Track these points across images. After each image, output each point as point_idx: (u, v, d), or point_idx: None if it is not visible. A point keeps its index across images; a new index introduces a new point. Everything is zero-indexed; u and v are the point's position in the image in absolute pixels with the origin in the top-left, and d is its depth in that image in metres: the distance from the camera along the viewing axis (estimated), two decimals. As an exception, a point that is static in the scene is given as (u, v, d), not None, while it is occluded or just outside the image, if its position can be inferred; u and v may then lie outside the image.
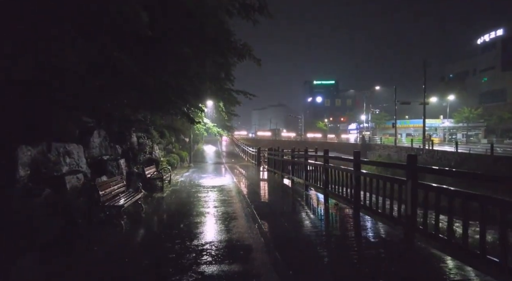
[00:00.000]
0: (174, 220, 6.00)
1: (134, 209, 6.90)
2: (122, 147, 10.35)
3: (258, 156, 20.42)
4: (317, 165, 8.54)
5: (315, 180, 8.65)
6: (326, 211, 6.65)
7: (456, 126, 57.87)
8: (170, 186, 10.95)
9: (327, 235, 4.83)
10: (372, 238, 4.74)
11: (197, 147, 35.77)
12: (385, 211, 5.13)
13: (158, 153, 13.89)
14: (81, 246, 4.53)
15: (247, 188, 9.87)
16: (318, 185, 8.37)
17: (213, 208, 6.87)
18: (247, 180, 12.48)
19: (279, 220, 5.75)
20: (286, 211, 6.62)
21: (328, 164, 7.76)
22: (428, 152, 31.43)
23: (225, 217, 5.97)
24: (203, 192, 9.17)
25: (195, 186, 10.54)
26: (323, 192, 8.05)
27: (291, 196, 8.58)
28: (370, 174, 5.75)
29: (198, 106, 12.29)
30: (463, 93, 60.93)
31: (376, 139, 47.87)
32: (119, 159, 8.45)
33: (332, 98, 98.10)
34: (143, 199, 8.37)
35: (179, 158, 18.06)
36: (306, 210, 6.80)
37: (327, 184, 7.82)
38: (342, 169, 6.95)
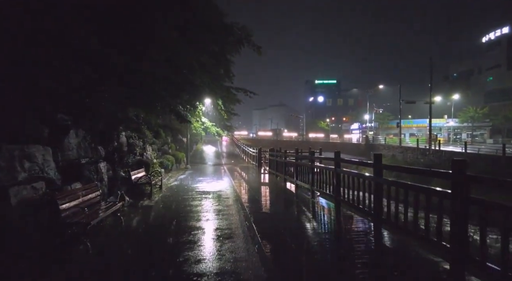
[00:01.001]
0: (154, 239, 4.92)
1: (113, 222, 5.84)
2: (107, 148, 9.28)
3: (259, 157, 19.33)
4: (326, 170, 7.46)
5: (324, 186, 7.57)
6: (339, 226, 5.57)
7: (460, 125, 56.72)
8: (161, 191, 9.88)
9: (346, 264, 3.76)
10: (407, 271, 3.66)
11: (196, 148, 34.72)
12: (418, 230, 4.06)
13: (150, 155, 12.83)
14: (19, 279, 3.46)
15: (246, 195, 8.80)
16: (328, 192, 7.29)
17: (206, 222, 5.79)
18: (247, 184, 11.40)
19: (284, 240, 4.69)
20: (292, 226, 5.54)
21: (340, 169, 6.69)
22: (435, 152, 30.31)
23: (219, 235, 4.89)
24: (196, 200, 8.10)
25: (188, 192, 9.47)
26: (333, 200, 6.97)
27: (296, 205, 7.51)
28: (397, 183, 4.67)
29: (192, 103, 11.19)
30: (468, 92, 59.77)
31: (380, 139, 46.71)
32: (99, 162, 7.38)
33: (334, 97, 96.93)
34: (128, 208, 7.32)
35: (175, 160, 16.99)
36: (316, 225, 5.72)
37: (338, 192, 6.74)
38: (358, 175, 5.87)
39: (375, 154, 5.29)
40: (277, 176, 13.35)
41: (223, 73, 18.61)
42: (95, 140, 8.51)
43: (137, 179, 8.84)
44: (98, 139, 8.70)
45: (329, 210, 6.85)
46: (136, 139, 12.13)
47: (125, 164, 10.30)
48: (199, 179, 12.83)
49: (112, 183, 8.01)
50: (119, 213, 6.05)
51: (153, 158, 13.16)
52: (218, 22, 7.01)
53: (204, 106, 20.46)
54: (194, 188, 10.36)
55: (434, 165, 27.58)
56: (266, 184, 11.64)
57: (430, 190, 3.92)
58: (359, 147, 46.72)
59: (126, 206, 7.51)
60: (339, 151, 7.01)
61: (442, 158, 28.85)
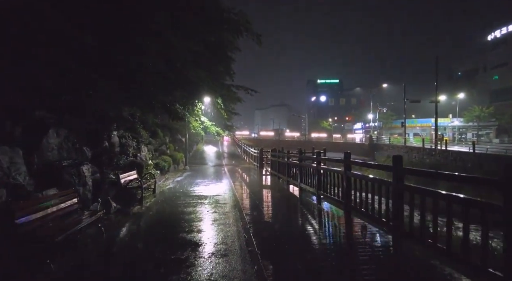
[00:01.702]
0: (134, 258, 4.15)
1: (92, 234, 5.10)
2: (96, 149, 8.56)
3: (260, 158, 18.58)
4: (335, 173, 6.70)
5: (332, 191, 6.82)
6: (352, 240, 4.81)
7: (466, 125, 55.71)
8: (154, 195, 9.15)
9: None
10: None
11: (196, 148, 33.99)
12: (450, 248, 3.30)
13: (145, 155, 12.10)
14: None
15: (246, 200, 8.05)
16: (336, 197, 6.53)
17: (198, 234, 5.04)
18: (247, 187, 10.65)
19: (288, 258, 3.94)
20: (298, 240, 4.78)
21: (351, 172, 5.93)
22: (441, 152, 29.45)
23: (212, 253, 4.11)
24: (191, 206, 7.35)
25: (184, 197, 8.72)
26: (343, 207, 6.22)
27: (301, 213, 6.74)
28: (424, 190, 3.90)
29: (190, 101, 10.43)
30: (473, 91, 58.67)
31: (384, 139, 45.86)
32: (82, 165, 6.64)
33: (337, 97, 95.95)
34: (114, 216, 6.58)
35: (172, 161, 16.25)
36: (324, 238, 4.97)
37: (349, 198, 5.98)
38: (373, 181, 5.11)
39: (394, 156, 4.53)
40: (279, 178, 12.60)
41: (223, 70, 17.91)
42: (81, 140, 7.79)
43: (126, 182, 8.11)
44: (84, 139, 7.99)
45: (338, 218, 6.08)
46: (129, 139, 11.41)
47: (116, 166, 9.58)
48: (196, 182, 12.09)
49: (98, 188, 7.27)
50: (100, 224, 5.30)
51: (148, 159, 12.43)
52: (212, 5, 6.25)
53: (204, 105, 19.74)
54: (190, 191, 9.61)
55: (440, 166, 26.75)
56: (268, 187, 10.88)
57: (469, 201, 3.15)
58: (363, 147, 45.88)
59: (113, 212, 6.78)
60: (350, 152, 6.25)
61: (449, 158, 28.02)
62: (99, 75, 5.74)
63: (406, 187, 4.28)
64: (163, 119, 18.64)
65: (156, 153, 15.48)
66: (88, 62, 5.45)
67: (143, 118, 14.81)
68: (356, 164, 6.16)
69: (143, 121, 14.71)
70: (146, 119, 15.37)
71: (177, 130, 22.17)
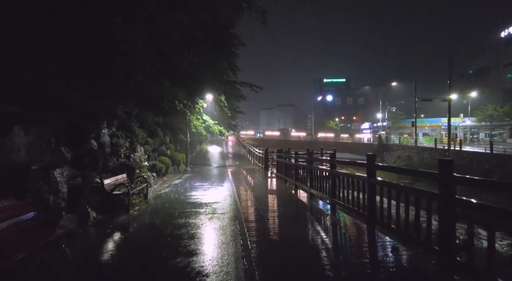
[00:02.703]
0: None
1: (47, 260, 4.07)
2: (80, 150, 7.57)
3: (266, 159, 17.50)
4: (354, 179, 5.60)
5: (350, 200, 5.72)
6: (378, 265, 3.70)
7: (478, 125, 53.90)
8: (146, 202, 8.14)
9: None
10: None
11: (200, 148, 33.06)
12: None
13: (140, 156, 11.10)
14: None
15: (248, 209, 6.97)
16: (356, 208, 5.43)
17: (186, 258, 3.97)
18: (251, 192, 9.57)
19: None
20: (311, 268, 3.68)
21: (377, 179, 4.82)
22: (455, 153, 28.04)
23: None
24: (184, 216, 6.28)
25: (178, 204, 7.67)
26: (365, 221, 5.12)
27: (313, 227, 5.64)
28: (501, 211, 2.78)
29: (185, 96, 9.39)
30: (485, 89, 56.76)
31: (393, 139, 44.41)
32: (54, 168, 5.64)
33: (343, 96, 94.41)
34: (93, 229, 5.56)
35: (172, 162, 15.25)
36: (344, 262, 3.86)
37: (373, 211, 4.89)
38: (410, 191, 4.00)
39: (443, 160, 3.42)
40: (286, 181, 11.51)
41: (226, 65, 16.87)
42: (61, 140, 6.80)
43: (112, 187, 7.09)
44: (64, 138, 6.99)
45: (359, 235, 4.98)
46: (122, 138, 10.41)
47: (103, 169, 8.59)
48: (196, 185, 11.05)
49: (77, 195, 6.26)
50: (68, 242, 4.28)
51: (144, 161, 11.43)
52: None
53: (206, 102, 18.71)
54: (186, 198, 8.56)
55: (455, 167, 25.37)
56: (273, 192, 9.79)
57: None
58: (372, 147, 44.50)
59: (91, 224, 5.77)
60: (374, 154, 5.15)
61: (464, 159, 26.61)
62: (66, 58, 4.73)
63: (461, 202, 3.17)
64: (165, 118, 17.69)
65: (155, 154, 14.49)
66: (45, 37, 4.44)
67: (142, 117, 13.86)
68: (383, 169, 5.06)
69: (142, 119, 13.75)
70: (145, 118, 14.42)
71: (179, 130, 21.19)
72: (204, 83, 12.97)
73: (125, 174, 8.42)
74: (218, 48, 13.29)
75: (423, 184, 13.02)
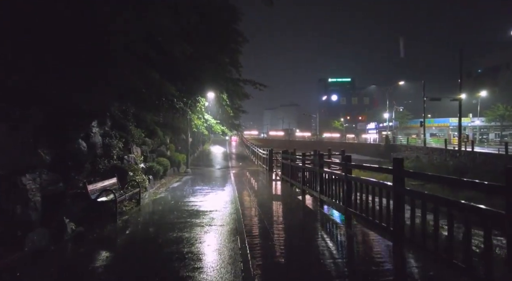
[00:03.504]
0: None
1: None
2: (64, 151, 6.80)
3: (270, 160, 16.65)
4: (376, 186, 4.74)
5: (369, 211, 4.86)
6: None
7: (487, 125, 52.59)
8: (139, 208, 7.35)
9: None
10: None
11: (203, 148, 32.32)
12: None
13: (135, 158, 10.31)
14: None
15: (251, 219, 6.14)
16: (378, 221, 4.57)
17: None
18: (254, 197, 8.73)
19: None
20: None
21: (404, 188, 3.97)
22: (467, 154, 26.95)
23: None
24: (177, 229, 5.43)
25: (172, 212, 6.86)
26: (392, 239, 4.27)
27: (326, 244, 4.79)
28: None
29: (172, 90, 8.54)
30: (495, 89, 55.40)
31: (401, 139, 43.28)
32: (24, 174, 4.85)
33: (348, 96, 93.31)
34: (71, 243, 4.77)
35: (171, 163, 14.47)
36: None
37: (401, 227, 4.04)
38: (455, 206, 3.14)
39: (510, 168, 2.56)
40: (292, 185, 10.67)
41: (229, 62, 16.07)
42: (39, 140, 6.02)
43: (98, 193, 6.30)
44: (44, 138, 6.22)
45: (382, 254, 4.13)
46: (115, 138, 9.64)
47: (92, 172, 7.82)
48: (195, 190, 10.25)
49: (54, 204, 5.47)
50: (19, 272, 3.48)
51: (139, 163, 10.64)
52: None
53: (208, 101, 17.93)
54: (183, 204, 7.75)
55: (467, 169, 24.32)
56: (279, 198, 8.94)
57: None
58: (378, 148, 43.47)
59: (69, 237, 4.97)
60: (402, 158, 4.30)
61: (476, 160, 25.51)
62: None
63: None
64: (165, 117, 16.94)
65: (153, 155, 13.72)
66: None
67: (141, 116, 13.11)
68: (415, 177, 4.19)
69: (140, 119, 12.99)
70: (144, 117, 13.66)
71: (180, 130, 20.42)
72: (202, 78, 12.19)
73: (115, 178, 7.64)
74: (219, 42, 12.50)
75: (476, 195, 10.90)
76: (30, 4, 4.26)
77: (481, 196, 6.75)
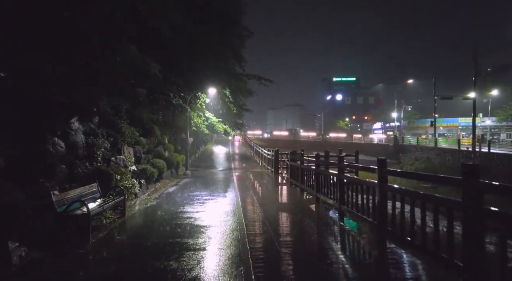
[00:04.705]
0: None
1: None
2: (26, 151, 5.58)
3: (276, 161, 15.35)
4: (434, 202, 3.44)
5: (419, 233, 3.57)
6: None
7: (498, 125, 50.93)
8: (123, 221, 6.11)
9: None
10: None
11: (205, 148, 31.10)
12: None
13: (124, 159, 9.07)
14: None
15: (259, 241, 4.82)
16: (434, 249, 3.28)
17: None
18: (260, 207, 7.43)
19: None
20: None
21: (491, 209, 2.69)
22: (483, 156, 25.50)
23: None
24: (162, 256, 4.12)
25: (161, 228, 5.57)
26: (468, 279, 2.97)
27: (358, 273, 3.51)
28: None
29: (157, 72, 7.23)
30: (506, 88, 53.64)
31: (410, 139, 41.74)
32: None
33: (353, 96, 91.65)
34: (17, 277, 3.53)
35: (168, 164, 13.22)
36: None
37: (479, 259, 2.74)
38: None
39: None
40: (302, 190, 9.40)
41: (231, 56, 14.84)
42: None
43: (69, 204, 5.05)
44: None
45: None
46: (102, 137, 8.42)
47: (68, 176, 6.59)
48: (192, 196, 8.99)
49: (4, 221, 4.22)
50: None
51: (130, 165, 9.41)
52: None
53: (209, 97, 16.69)
54: (176, 216, 6.47)
55: (485, 171, 22.85)
56: (290, 209, 7.64)
57: None
58: (386, 148, 41.99)
59: (14, 270, 3.72)
60: (477, 164, 3.00)
61: (494, 161, 24.05)
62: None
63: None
64: (164, 116, 15.71)
65: (149, 156, 12.47)
66: None
67: (135, 113, 11.88)
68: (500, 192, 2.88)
69: (135, 116, 11.75)
70: (140, 114, 12.42)
71: (180, 129, 19.17)
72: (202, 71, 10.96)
73: (95, 184, 6.40)
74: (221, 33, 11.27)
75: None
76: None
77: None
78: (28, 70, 4.69)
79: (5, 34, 4.40)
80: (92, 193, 6.13)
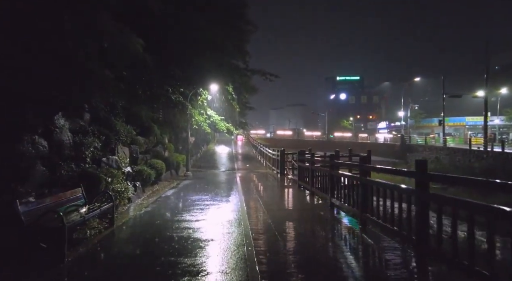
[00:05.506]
0: None
1: None
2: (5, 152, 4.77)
3: (282, 162, 14.48)
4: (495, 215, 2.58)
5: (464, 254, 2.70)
6: None
7: (507, 124, 49.83)
8: (112, 232, 5.28)
9: None
10: None
11: (207, 148, 30.29)
12: None
13: (117, 160, 8.25)
14: None
15: (270, 260, 3.96)
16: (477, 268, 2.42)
17: None
18: (268, 215, 6.54)
19: None
20: None
21: None
22: (497, 155, 24.50)
23: None
24: (152, 276, 3.36)
25: (152, 243, 4.70)
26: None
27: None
28: None
29: (138, 48, 6.37)
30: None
31: (417, 139, 40.70)
32: None
33: (357, 95, 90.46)
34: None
35: (167, 165, 12.40)
36: None
37: None
38: None
39: None
40: (313, 194, 8.55)
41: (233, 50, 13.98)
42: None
43: (41, 214, 4.21)
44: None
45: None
46: (93, 135, 7.61)
47: (51, 180, 5.79)
48: (192, 201, 8.14)
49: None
50: None
51: (124, 166, 8.58)
52: None
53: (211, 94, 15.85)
54: (171, 226, 5.61)
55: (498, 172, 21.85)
56: (300, 215, 6.78)
57: None
58: (393, 148, 40.95)
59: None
60: None
61: (509, 162, 23.02)
62: None
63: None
64: (165, 114, 14.90)
65: (147, 156, 11.66)
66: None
67: (133, 111, 11.07)
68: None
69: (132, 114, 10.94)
70: (138, 112, 11.61)
71: (182, 128, 18.35)
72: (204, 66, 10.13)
73: (79, 189, 5.56)
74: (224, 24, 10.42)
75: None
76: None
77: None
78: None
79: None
80: (74, 200, 5.29)
